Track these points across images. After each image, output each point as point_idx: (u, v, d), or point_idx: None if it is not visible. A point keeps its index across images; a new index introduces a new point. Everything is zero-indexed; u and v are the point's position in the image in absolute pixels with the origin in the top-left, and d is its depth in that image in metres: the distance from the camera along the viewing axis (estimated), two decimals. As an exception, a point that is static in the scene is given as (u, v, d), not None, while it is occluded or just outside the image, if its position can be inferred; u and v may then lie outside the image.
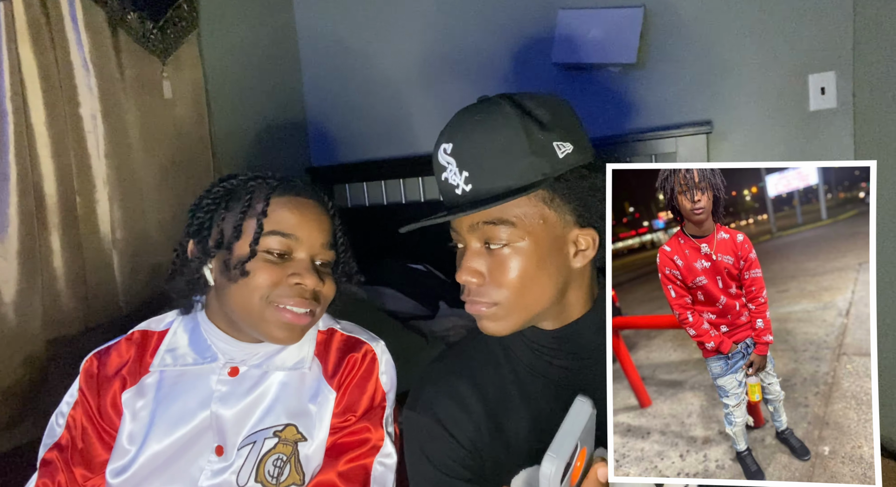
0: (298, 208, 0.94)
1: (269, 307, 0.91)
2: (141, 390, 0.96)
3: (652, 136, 2.03)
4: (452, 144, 0.79)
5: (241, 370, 0.96)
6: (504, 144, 0.79)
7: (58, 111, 1.76)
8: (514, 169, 0.78)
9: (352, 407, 0.96)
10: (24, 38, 1.69)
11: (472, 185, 0.78)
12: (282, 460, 0.91)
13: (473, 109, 0.82)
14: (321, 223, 0.96)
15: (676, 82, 2.06)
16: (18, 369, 1.68)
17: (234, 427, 0.93)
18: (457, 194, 0.80)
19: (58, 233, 1.77)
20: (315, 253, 0.95)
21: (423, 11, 2.46)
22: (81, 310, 1.82)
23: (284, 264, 0.92)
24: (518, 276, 0.79)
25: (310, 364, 0.98)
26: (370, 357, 0.99)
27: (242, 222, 0.93)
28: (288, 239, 0.92)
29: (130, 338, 1.01)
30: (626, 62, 2.05)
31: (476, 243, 0.81)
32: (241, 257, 0.91)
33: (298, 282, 0.91)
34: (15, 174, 1.66)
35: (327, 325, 1.04)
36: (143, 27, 1.95)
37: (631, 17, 2.04)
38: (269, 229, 0.92)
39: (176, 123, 2.09)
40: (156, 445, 0.92)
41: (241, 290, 0.91)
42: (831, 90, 1.84)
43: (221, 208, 0.96)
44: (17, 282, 1.68)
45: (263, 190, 0.95)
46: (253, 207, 0.94)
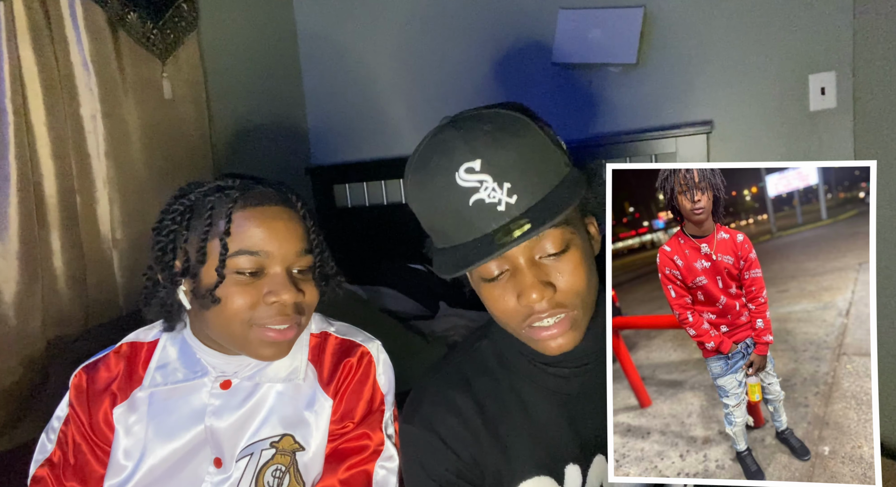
0: (265, 220, 0.87)
1: (250, 329, 0.87)
2: (132, 405, 0.93)
3: (652, 136, 2.03)
4: (480, 159, 0.71)
5: (234, 382, 0.93)
6: (532, 144, 0.75)
7: (58, 111, 1.76)
8: (550, 167, 0.75)
9: (350, 413, 0.94)
10: (24, 38, 1.68)
11: (517, 196, 0.71)
12: (281, 470, 0.90)
13: (470, 124, 0.75)
14: (292, 231, 0.89)
15: (676, 82, 2.06)
16: (18, 369, 1.68)
17: (230, 439, 0.91)
18: (500, 212, 0.71)
19: (58, 233, 1.77)
20: (290, 263, 0.89)
21: (423, 12, 2.46)
22: (81, 310, 1.82)
23: (259, 282, 0.86)
24: (585, 274, 0.76)
25: (304, 374, 0.95)
26: (366, 360, 0.96)
27: (206, 244, 0.86)
28: (257, 257, 0.86)
29: (119, 351, 0.98)
30: (626, 62, 2.05)
31: (527, 258, 0.74)
32: (210, 284, 0.85)
33: (275, 300, 0.86)
34: (15, 174, 1.66)
35: (320, 328, 1.01)
36: (143, 27, 1.95)
37: (631, 17, 2.04)
38: (235, 249, 0.85)
39: (176, 123, 2.09)
40: (152, 460, 0.90)
41: (218, 316, 0.87)
42: (831, 90, 1.84)
43: (183, 228, 0.89)
44: (17, 282, 1.68)
45: (224, 205, 0.87)
46: (215, 225, 0.87)
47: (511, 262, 0.75)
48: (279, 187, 0.93)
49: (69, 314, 1.79)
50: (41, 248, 1.73)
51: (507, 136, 0.73)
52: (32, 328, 1.71)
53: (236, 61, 2.38)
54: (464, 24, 2.39)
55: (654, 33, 2.08)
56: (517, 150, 0.73)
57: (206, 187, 0.91)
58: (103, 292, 1.86)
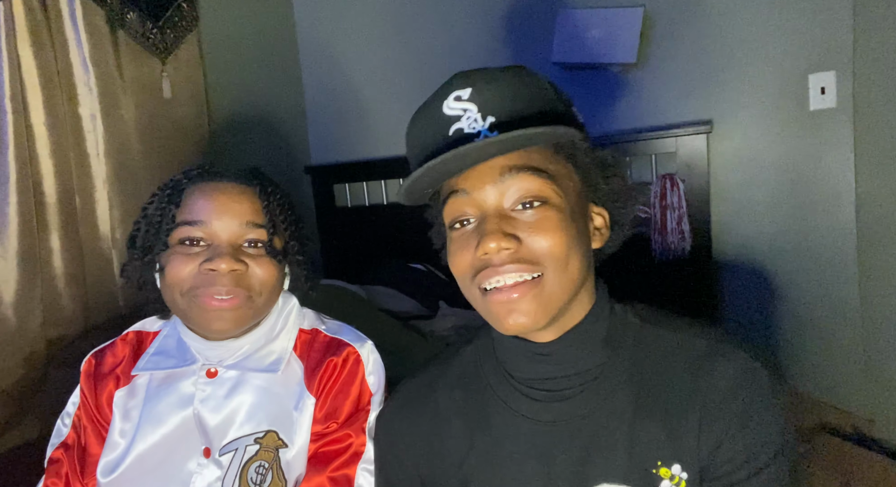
0: (212, 193, 0.90)
1: (193, 300, 0.88)
2: (132, 390, 0.96)
3: (652, 136, 2.03)
4: (472, 89, 0.68)
5: (219, 371, 0.94)
6: (535, 91, 0.70)
7: (57, 111, 1.76)
8: (547, 119, 0.69)
9: (334, 413, 0.92)
10: (24, 38, 1.68)
11: (499, 132, 0.66)
12: (264, 467, 0.89)
13: (481, 69, 0.72)
14: (240, 203, 0.90)
15: (676, 82, 2.06)
16: (18, 369, 1.68)
17: (217, 430, 0.92)
18: (476, 144, 0.64)
19: (58, 233, 1.77)
20: (236, 235, 0.89)
21: (423, 11, 2.46)
22: (81, 310, 1.82)
23: (202, 252, 0.88)
24: (560, 239, 0.67)
25: (284, 366, 0.95)
26: (353, 359, 0.95)
27: (161, 218, 0.91)
28: (198, 226, 0.88)
29: (125, 338, 1.02)
30: (626, 62, 2.04)
31: (495, 203, 0.68)
32: (159, 253, 0.89)
33: (211, 268, 0.86)
34: (15, 174, 1.66)
35: (312, 325, 1.01)
36: (143, 27, 1.95)
37: (631, 17, 2.03)
38: (179, 220, 0.89)
39: (175, 123, 2.09)
40: (142, 445, 0.91)
41: (166, 288, 0.89)
42: (831, 90, 1.83)
43: (153, 216, 0.93)
44: (17, 282, 1.68)
45: (181, 187, 0.92)
46: (172, 202, 0.91)
47: (479, 206, 0.69)
48: (241, 171, 0.95)
49: (69, 314, 1.79)
50: (41, 248, 1.73)
51: (506, 75, 0.70)
52: (32, 327, 1.71)
53: (236, 61, 2.38)
54: (464, 23, 2.39)
55: (654, 33, 2.07)
56: (512, 88, 0.69)
57: (179, 175, 0.94)
58: (103, 292, 1.86)
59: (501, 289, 0.68)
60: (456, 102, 0.69)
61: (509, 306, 0.68)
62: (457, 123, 0.68)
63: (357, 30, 2.58)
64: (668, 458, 0.69)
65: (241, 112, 2.40)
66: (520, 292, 0.67)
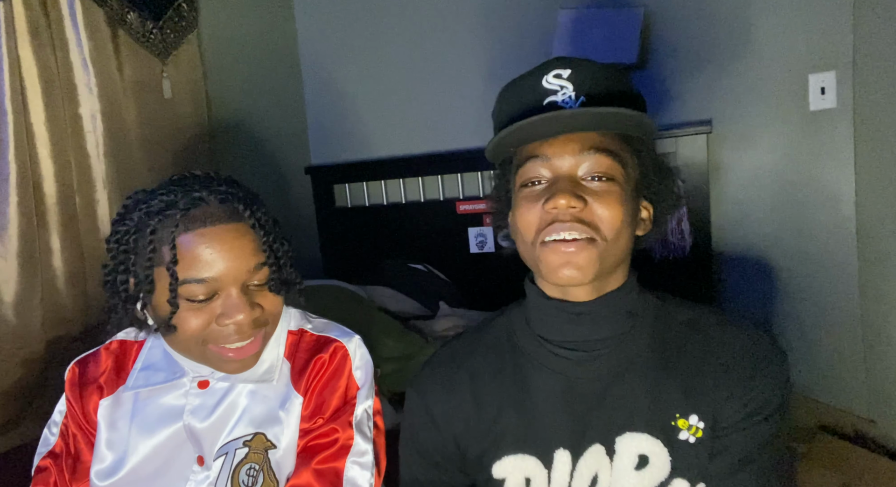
0: (211, 242, 0.83)
1: (207, 348, 0.87)
2: (118, 401, 0.95)
3: (652, 136, 2.03)
4: (571, 70, 0.79)
5: (211, 382, 0.94)
6: (625, 85, 0.80)
7: (57, 111, 1.76)
8: (633, 105, 0.77)
9: (320, 408, 0.93)
10: (24, 38, 1.68)
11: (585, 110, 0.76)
12: (255, 469, 0.90)
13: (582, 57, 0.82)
14: (242, 248, 0.85)
15: (676, 82, 2.06)
16: (18, 369, 1.68)
17: (208, 438, 0.92)
18: (567, 110, 0.76)
19: (58, 233, 1.77)
20: (244, 280, 0.86)
21: (422, 11, 2.46)
22: (81, 310, 1.81)
23: (213, 304, 0.85)
24: (619, 212, 0.77)
25: (278, 375, 0.95)
26: (340, 354, 0.95)
27: (152, 273, 0.84)
28: (205, 284, 0.83)
29: (109, 348, 1.01)
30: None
31: (570, 168, 0.77)
32: (164, 316, 0.84)
33: (230, 322, 0.85)
34: (15, 174, 1.66)
35: (298, 325, 1.00)
36: (143, 27, 1.95)
37: (631, 17, 2.03)
38: (183, 278, 0.82)
39: (175, 123, 2.08)
40: (136, 458, 0.91)
41: (175, 339, 0.88)
42: (831, 90, 1.83)
43: (131, 252, 0.86)
44: (17, 282, 1.68)
45: (167, 229, 0.83)
46: (159, 252, 0.83)
47: (555, 170, 0.78)
48: (225, 196, 0.87)
49: (69, 314, 1.79)
50: (41, 248, 1.73)
51: (602, 66, 0.80)
52: (32, 328, 1.71)
53: (236, 61, 2.38)
54: (464, 23, 2.39)
55: (654, 33, 2.07)
56: (605, 76, 0.79)
57: (148, 206, 0.86)
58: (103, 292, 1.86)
59: (560, 243, 0.76)
60: (555, 78, 0.79)
61: (566, 257, 0.76)
62: (552, 96, 0.78)
63: (357, 30, 2.58)
64: (686, 410, 0.79)
65: (241, 112, 2.40)
66: (576, 247, 0.76)
